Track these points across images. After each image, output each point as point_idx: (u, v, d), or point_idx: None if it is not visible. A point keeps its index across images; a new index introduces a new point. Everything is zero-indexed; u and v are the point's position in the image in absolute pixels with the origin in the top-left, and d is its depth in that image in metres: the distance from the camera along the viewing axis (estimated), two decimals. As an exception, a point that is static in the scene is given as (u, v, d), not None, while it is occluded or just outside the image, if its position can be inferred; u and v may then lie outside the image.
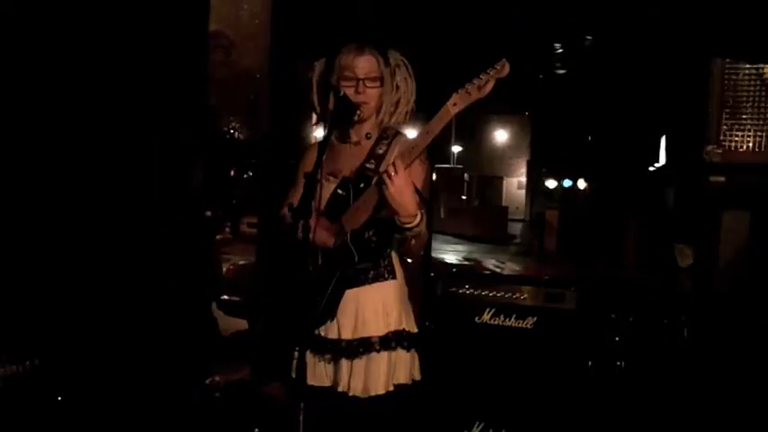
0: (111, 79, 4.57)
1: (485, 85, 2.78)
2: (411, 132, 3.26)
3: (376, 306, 3.04)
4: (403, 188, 2.82)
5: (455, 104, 2.80)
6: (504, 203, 38.27)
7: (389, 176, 2.80)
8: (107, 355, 4.38)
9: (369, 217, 2.97)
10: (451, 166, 38.84)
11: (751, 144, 3.73)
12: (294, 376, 2.79)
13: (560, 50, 8.01)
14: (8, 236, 4.05)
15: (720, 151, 3.73)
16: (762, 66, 3.71)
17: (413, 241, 2.96)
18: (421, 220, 2.90)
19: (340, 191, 3.05)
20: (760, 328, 3.90)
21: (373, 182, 2.97)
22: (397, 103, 3.15)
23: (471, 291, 4.72)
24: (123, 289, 4.65)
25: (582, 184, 23.92)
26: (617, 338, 5.04)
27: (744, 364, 4.20)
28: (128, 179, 4.77)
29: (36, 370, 3.48)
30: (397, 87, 3.14)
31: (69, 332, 4.18)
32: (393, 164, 2.82)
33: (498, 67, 2.79)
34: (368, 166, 3.06)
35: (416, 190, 2.93)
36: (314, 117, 3.28)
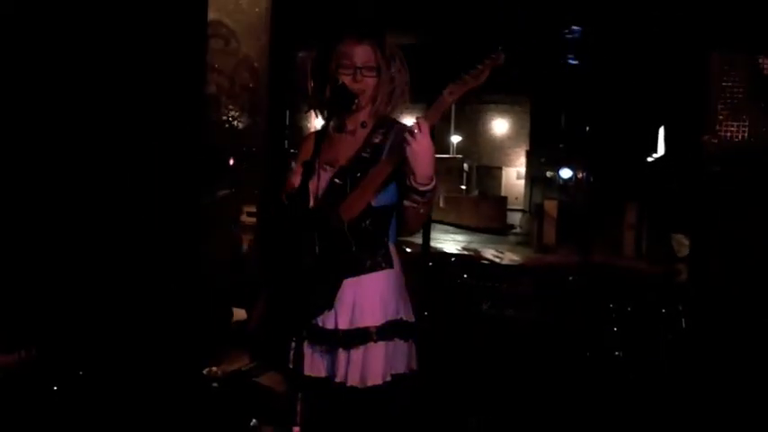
0: (111, 69, 4.57)
1: (480, 74, 2.80)
2: (408, 121, 3.26)
3: (373, 296, 3.04)
4: (427, 147, 2.82)
5: (451, 93, 2.82)
6: (503, 193, 38.26)
7: (413, 135, 2.80)
8: (104, 346, 4.38)
9: (366, 206, 2.97)
10: (451, 155, 38.84)
11: (747, 134, 3.74)
12: (291, 366, 2.79)
13: (560, 42, 8.00)
14: (6, 226, 4.05)
15: (717, 141, 3.74)
16: (757, 57, 3.71)
17: (421, 209, 2.97)
18: (436, 186, 2.92)
19: (337, 180, 3.05)
20: (756, 316, 3.91)
21: (370, 171, 2.98)
22: (392, 93, 3.15)
23: (470, 280, 4.73)
24: (122, 279, 4.65)
25: (581, 174, 23.94)
26: (615, 328, 5.05)
27: (740, 352, 4.21)
28: (127, 168, 4.77)
29: (33, 360, 3.48)
30: (392, 78, 3.14)
31: (67, 322, 4.18)
32: (418, 122, 2.82)
33: (494, 57, 2.81)
34: (364, 155, 3.06)
35: None
36: (305, 105, 3.27)
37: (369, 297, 3.03)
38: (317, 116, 3.25)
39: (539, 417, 4.47)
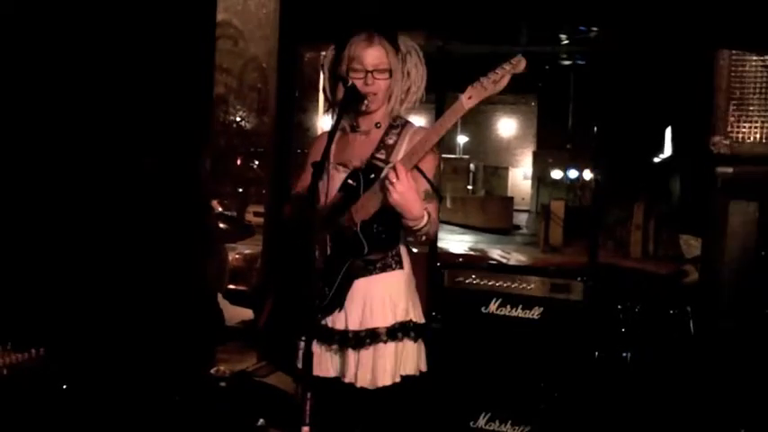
0: (118, 69, 4.57)
1: (500, 79, 2.75)
2: (419, 121, 3.26)
3: (383, 296, 3.04)
4: (405, 193, 2.77)
5: (470, 98, 2.78)
6: (509, 194, 38.25)
7: (392, 183, 2.76)
8: (112, 346, 4.39)
9: (378, 207, 2.97)
10: (457, 156, 38.87)
11: (758, 135, 3.73)
12: (300, 367, 2.79)
13: (566, 42, 8.00)
14: (14, 225, 4.05)
15: (727, 142, 3.73)
16: (768, 56, 3.70)
17: (423, 238, 2.96)
18: (428, 220, 2.88)
19: (350, 181, 3.04)
20: (765, 319, 3.90)
21: (382, 174, 2.97)
22: (408, 90, 3.14)
23: (477, 281, 4.72)
24: (128, 279, 4.65)
25: (588, 175, 23.95)
26: (623, 329, 5.04)
27: (749, 356, 4.20)
28: (134, 169, 4.77)
29: (42, 359, 3.49)
30: (408, 74, 3.13)
31: (74, 322, 4.18)
32: (395, 168, 2.78)
33: (514, 62, 2.76)
34: (378, 156, 3.05)
35: (428, 180, 2.93)
36: (325, 105, 3.27)
37: (379, 298, 3.04)
38: (332, 116, 3.24)
39: (547, 416, 4.46)
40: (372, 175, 2.99)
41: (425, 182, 2.95)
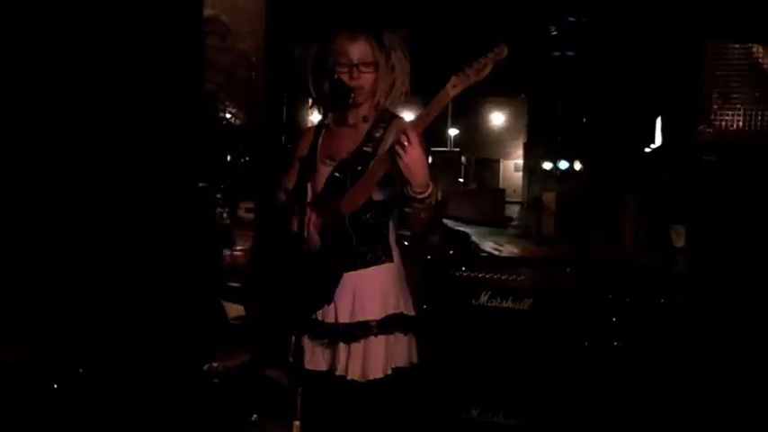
0: (107, 67, 4.57)
1: (483, 68, 2.80)
2: (408, 115, 3.28)
3: (373, 289, 3.06)
4: (417, 157, 2.83)
5: (454, 87, 2.82)
6: (501, 186, 38.29)
7: (403, 146, 2.81)
8: (105, 343, 4.39)
9: (366, 200, 2.98)
10: (448, 149, 38.82)
11: (741, 123, 3.75)
12: (292, 360, 2.80)
13: (555, 33, 8.02)
14: (9, 224, 4.05)
15: (712, 130, 3.75)
16: (751, 45, 3.72)
17: (422, 214, 2.98)
18: (432, 190, 2.92)
19: (337, 174, 3.07)
20: (755, 306, 3.92)
21: (371, 165, 2.99)
22: (393, 84, 3.16)
23: (468, 273, 4.72)
24: (123, 276, 4.65)
25: (578, 165, 23.97)
26: (614, 319, 5.05)
27: (739, 343, 4.21)
28: (124, 166, 4.77)
29: (33, 357, 3.50)
30: (393, 69, 3.14)
31: (67, 320, 4.19)
32: (405, 133, 2.83)
33: (497, 51, 2.81)
34: (365, 149, 3.08)
35: None
36: (309, 101, 3.28)
37: (369, 291, 3.05)
38: (318, 112, 3.26)
39: (538, 407, 4.48)
40: (359, 168, 3.01)
41: None
